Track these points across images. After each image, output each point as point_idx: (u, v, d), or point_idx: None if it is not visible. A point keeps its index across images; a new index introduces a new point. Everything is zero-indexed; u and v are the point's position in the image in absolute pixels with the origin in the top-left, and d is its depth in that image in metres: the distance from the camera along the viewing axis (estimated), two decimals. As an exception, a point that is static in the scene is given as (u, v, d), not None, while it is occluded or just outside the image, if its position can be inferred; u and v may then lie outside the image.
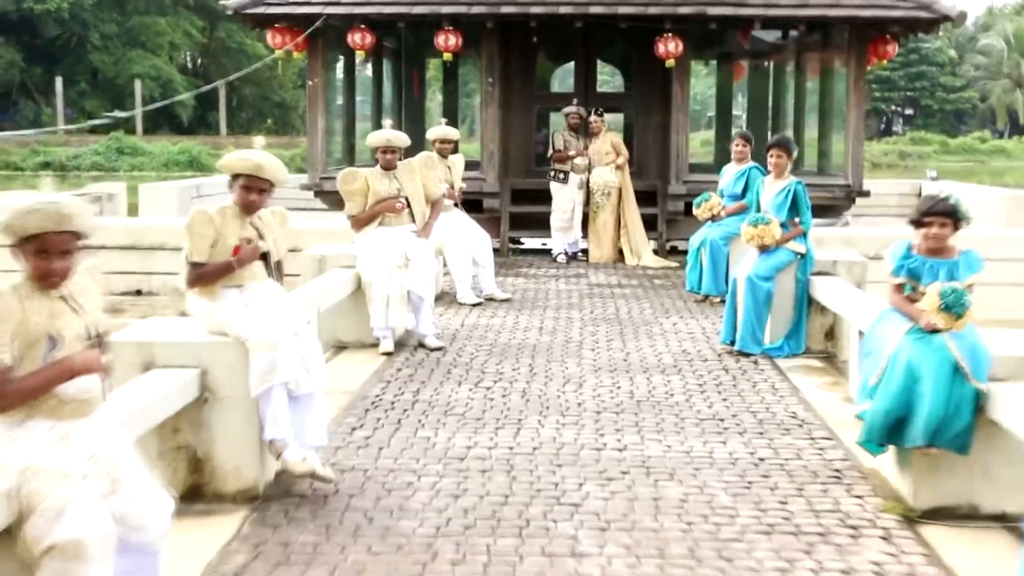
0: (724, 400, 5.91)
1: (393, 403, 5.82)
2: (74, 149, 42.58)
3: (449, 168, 9.30)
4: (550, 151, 11.87)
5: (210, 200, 16.28)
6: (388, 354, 7.09)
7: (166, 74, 51.25)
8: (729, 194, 9.30)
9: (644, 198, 12.34)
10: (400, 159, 7.55)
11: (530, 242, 13.09)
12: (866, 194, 12.26)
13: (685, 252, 12.82)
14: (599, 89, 13.94)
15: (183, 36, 53.35)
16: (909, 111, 69.32)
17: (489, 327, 8.04)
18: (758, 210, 7.44)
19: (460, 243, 9.10)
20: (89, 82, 51.82)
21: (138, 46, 51.89)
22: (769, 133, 14.03)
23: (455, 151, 10.09)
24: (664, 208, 12.33)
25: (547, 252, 12.23)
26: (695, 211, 9.33)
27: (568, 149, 11.79)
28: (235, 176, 4.46)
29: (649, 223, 12.18)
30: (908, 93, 65.22)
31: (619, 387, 6.19)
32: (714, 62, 16.45)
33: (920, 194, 18.72)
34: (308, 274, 7.43)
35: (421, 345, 7.29)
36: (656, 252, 12.06)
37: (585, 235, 11.97)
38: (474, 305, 8.97)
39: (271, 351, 4.22)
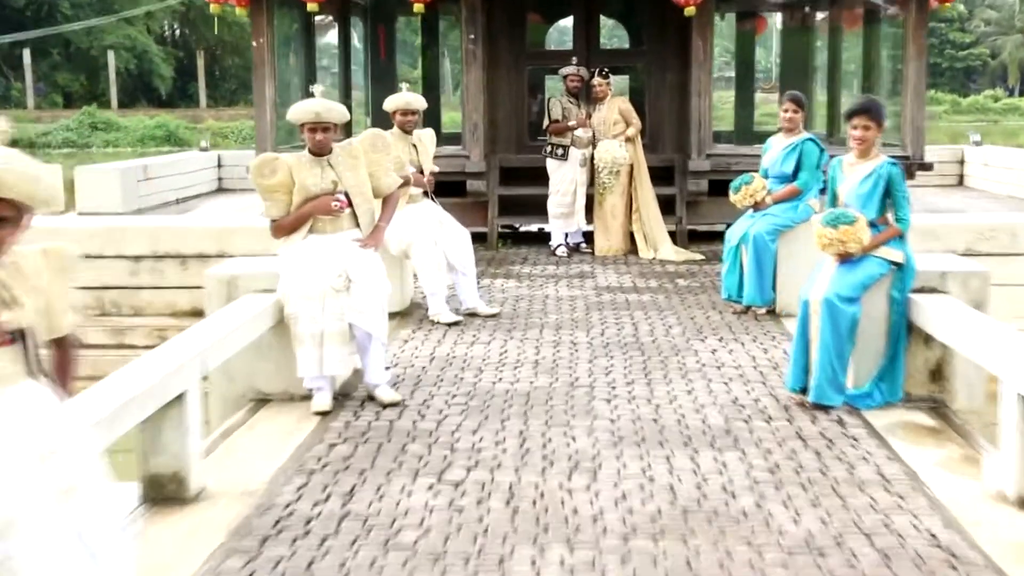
0: (814, 503, 3.88)
1: (309, 522, 3.79)
2: (44, 125, 40.36)
3: (415, 147, 7.24)
4: (545, 121, 9.78)
5: (160, 184, 14.19)
6: (324, 413, 5.08)
7: (141, 44, 48.86)
8: (776, 175, 7.25)
9: (659, 176, 10.27)
10: (341, 138, 5.51)
11: (526, 225, 11.05)
12: (929, 167, 10.21)
13: (707, 237, 10.83)
14: (603, 46, 11.77)
15: (159, 3, 50.83)
16: (917, 69, 66.87)
17: (467, 361, 6.01)
18: (834, 202, 5.38)
19: (432, 244, 7.05)
20: (61, 54, 49.36)
21: (112, 15, 49.43)
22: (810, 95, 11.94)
23: (428, 125, 8.04)
24: (684, 187, 10.26)
25: (546, 239, 10.14)
26: (732, 197, 7.27)
27: (568, 119, 9.70)
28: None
29: (666, 205, 10.12)
30: (916, 51, 62.79)
31: (652, 479, 4.16)
32: (732, 14, 14.25)
33: (963, 160, 16.68)
34: (214, 302, 5.40)
35: (371, 397, 5.28)
36: (675, 239, 10.01)
37: (590, 222, 9.93)
38: (451, 324, 6.95)
39: (1, 539, 2.19)
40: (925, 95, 10.16)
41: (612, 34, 17.23)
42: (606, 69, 9.85)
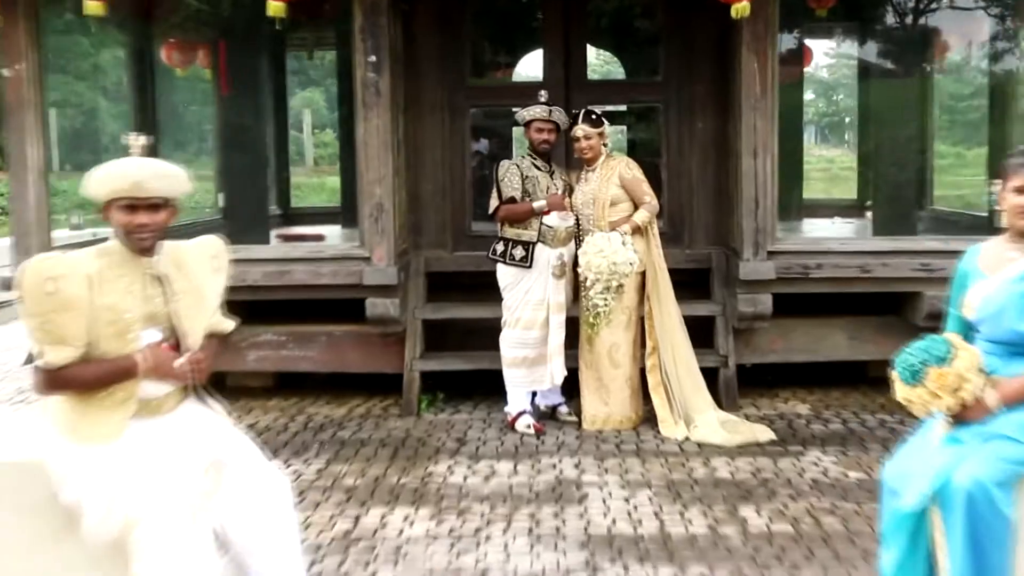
0: None
1: None
2: (-27, 189, 36.35)
3: (159, 283, 3.06)
4: (494, 201, 5.69)
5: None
6: None
7: (89, 101, 45.04)
8: (1003, 336, 3.08)
9: (686, 284, 6.20)
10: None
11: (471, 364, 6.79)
12: None
13: (762, 378, 6.73)
14: (592, 76, 7.65)
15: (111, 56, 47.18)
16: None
17: None
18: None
19: (186, 518, 2.85)
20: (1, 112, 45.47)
21: (58, 70, 45.71)
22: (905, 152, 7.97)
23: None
24: (730, 306, 6.17)
25: (502, 390, 5.92)
26: (903, 392, 3.09)
27: (533, 195, 5.63)
28: None
29: (699, 334, 6.03)
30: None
31: None
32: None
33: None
34: None
35: None
36: (717, 397, 5.89)
37: (574, 371, 5.80)
38: None
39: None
40: None
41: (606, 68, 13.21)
42: (596, 112, 5.78)
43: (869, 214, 10.39)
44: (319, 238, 8.43)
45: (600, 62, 14.69)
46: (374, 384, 6.46)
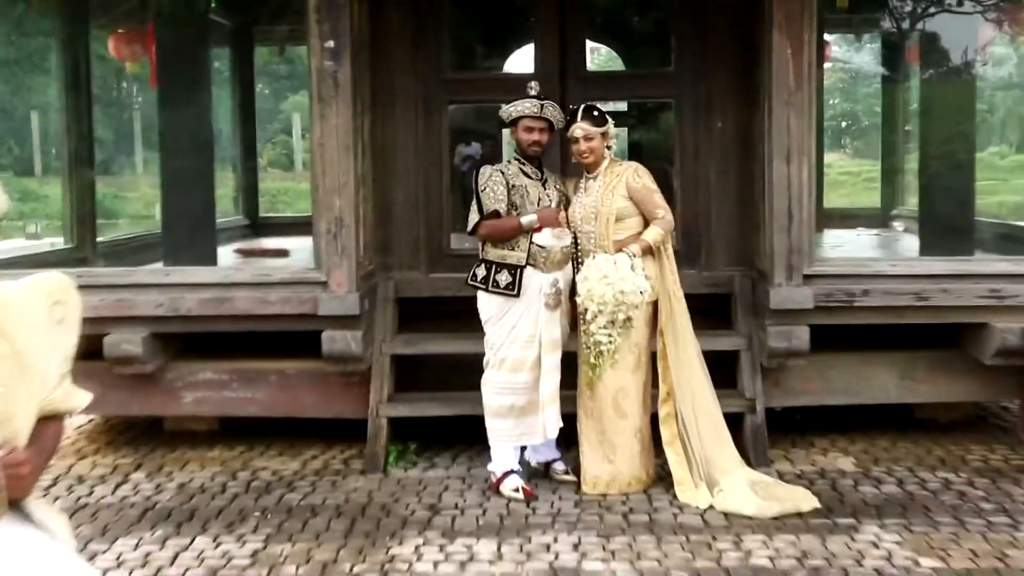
0: None
1: None
2: (-49, 195, 35.33)
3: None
4: (473, 216, 4.68)
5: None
6: None
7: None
8: None
9: (702, 311, 5.18)
10: None
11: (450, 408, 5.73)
12: None
13: (804, 431, 5.68)
14: (591, 68, 6.64)
15: (96, 59, 46.17)
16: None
17: None
18: None
19: None
20: (-14, 116, 44.51)
21: (42, 72, 44.75)
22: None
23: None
24: (758, 340, 5.18)
25: (486, 440, 4.90)
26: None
27: (521, 209, 4.62)
28: None
29: (719, 373, 5.01)
30: (909, 104, 59.26)
31: None
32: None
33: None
34: None
35: None
36: (744, 452, 4.90)
37: (572, 419, 4.79)
38: None
39: None
40: None
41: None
42: (598, 108, 4.78)
43: (896, 224, 9.43)
44: (282, 253, 7.46)
45: (598, 63, 13.72)
46: (334, 431, 5.46)
